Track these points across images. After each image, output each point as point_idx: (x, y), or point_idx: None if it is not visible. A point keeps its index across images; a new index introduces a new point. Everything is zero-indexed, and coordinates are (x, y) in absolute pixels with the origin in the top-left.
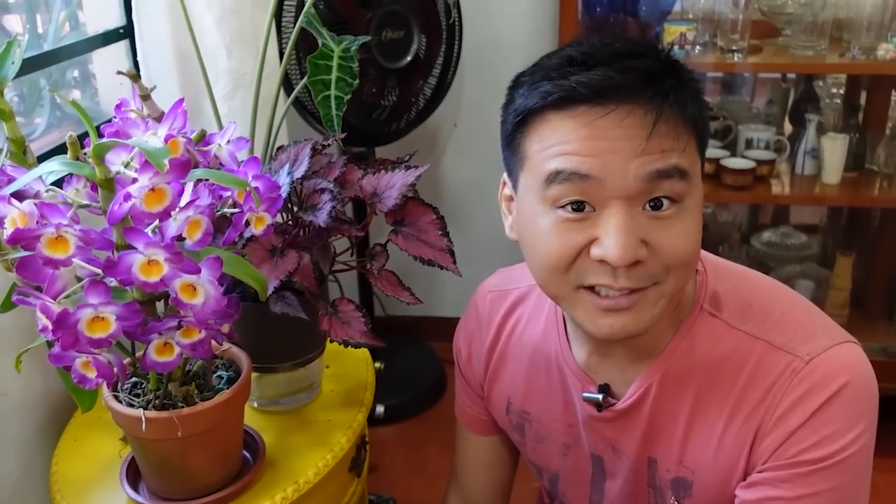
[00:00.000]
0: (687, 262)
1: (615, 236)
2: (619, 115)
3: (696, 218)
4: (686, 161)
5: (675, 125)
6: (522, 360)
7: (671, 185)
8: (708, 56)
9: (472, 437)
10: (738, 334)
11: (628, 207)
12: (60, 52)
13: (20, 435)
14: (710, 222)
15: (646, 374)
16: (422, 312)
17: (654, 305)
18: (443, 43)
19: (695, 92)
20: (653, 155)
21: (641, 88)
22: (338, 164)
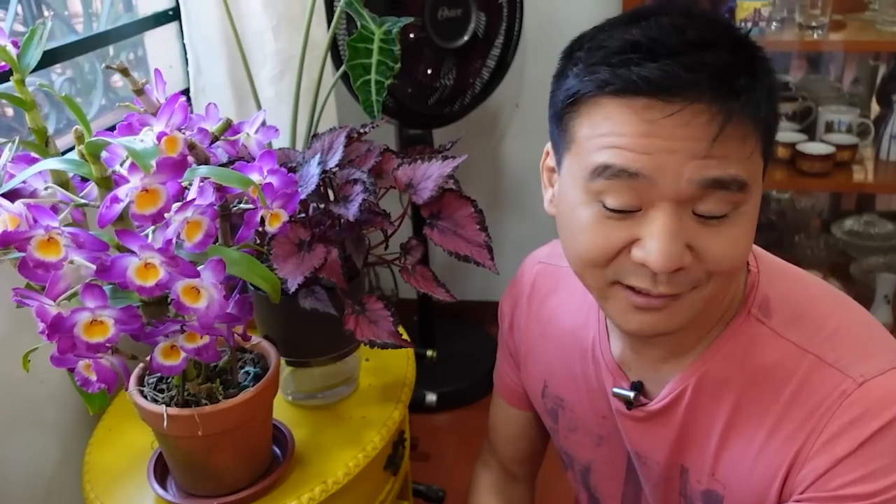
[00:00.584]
0: (733, 269)
1: (659, 240)
2: (684, 116)
3: (749, 224)
4: (748, 170)
5: (742, 129)
6: (559, 344)
7: (726, 196)
8: (785, 33)
9: (506, 407)
10: (785, 344)
11: (677, 210)
12: (111, 33)
13: (58, 421)
14: (787, 209)
15: (682, 376)
16: (482, 297)
17: (689, 309)
18: (503, 21)
19: (769, 89)
20: (713, 159)
21: (710, 87)
22: (374, 153)
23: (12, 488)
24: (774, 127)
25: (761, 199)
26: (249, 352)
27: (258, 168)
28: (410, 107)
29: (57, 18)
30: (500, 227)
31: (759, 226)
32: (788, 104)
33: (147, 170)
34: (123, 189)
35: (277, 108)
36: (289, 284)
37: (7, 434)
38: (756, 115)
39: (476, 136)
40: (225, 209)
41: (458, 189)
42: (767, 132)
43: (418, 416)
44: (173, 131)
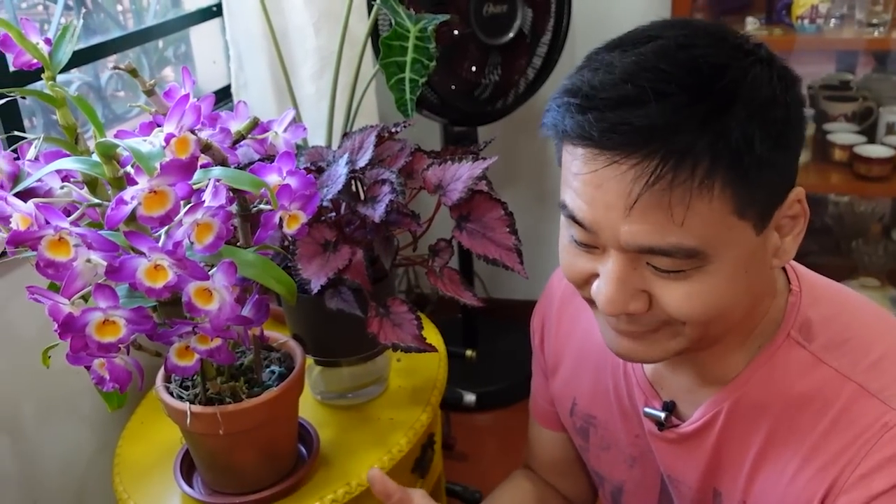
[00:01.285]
0: (704, 321)
1: (606, 285)
2: (618, 167)
3: (722, 280)
4: (698, 237)
5: (672, 196)
6: (590, 360)
7: (672, 262)
8: (845, 31)
9: (543, 431)
10: (826, 370)
11: (630, 258)
12: (156, 29)
13: (93, 413)
14: (845, 213)
15: (715, 399)
16: (527, 296)
17: (668, 342)
18: (550, 17)
19: (746, 139)
20: (644, 226)
21: (643, 144)
22: (404, 153)
23: (47, 478)
24: (768, 174)
25: (803, 216)
26: (276, 351)
27: (277, 169)
28: (455, 104)
29: (105, 14)
30: (544, 226)
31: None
32: (847, 104)
33: (150, 172)
34: (130, 191)
35: (317, 104)
36: (312, 285)
37: (44, 424)
38: (704, 176)
39: (522, 134)
40: (244, 209)
41: (489, 191)
42: (751, 185)
43: (457, 415)
44: (184, 132)
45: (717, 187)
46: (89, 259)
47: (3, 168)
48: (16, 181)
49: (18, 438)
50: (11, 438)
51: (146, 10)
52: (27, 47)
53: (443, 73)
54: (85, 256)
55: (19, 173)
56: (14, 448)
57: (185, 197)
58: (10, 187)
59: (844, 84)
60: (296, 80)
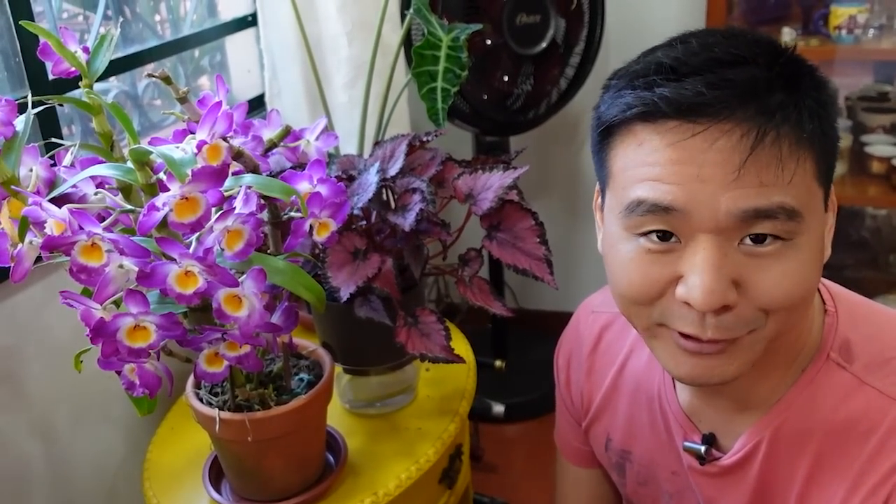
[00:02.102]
0: (791, 306)
1: (700, 275)
2: (711, 135)
3: (808, 257)
4: (796, 196)
5: (782, 150)
6: (624, 396)
7: (774, 226)
8: (883, 41)
9: (572, 468)
10: (870, 392)
11: (720, 242)
12: (192, 38)
13: (125, 417)
14: (883, 226)
15: (756, 428)
16: (558, 307)
17: (747, 353)
18: (584, 27)
19: (818, 106)
20: (750, 189)
21: (739, 105)
22: (435, 162)
23: (79, 480)
24: (830, 147)
25: (832, 221)
26: (305, 358)
27: (308, 177)
28: (486, 113)
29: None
30: (579, 237)
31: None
32: (885, 116)
33: (182, 178)
34: (162, 197)
35: (350, 113)
36: (341, 293)
37: (77, 428)
38: (799, 134)
39: (554, 144)
40: (275, 217)
41: (520, 200)
42: (822, 153)
43: (486, 426)
44: (215, 139)
45: (805, 140)
46: (121, 265)
47: (40, 174)
48: (52, 187)
49: (53, 441)
50: (46, 441)
51: (183, 20)
52: (66, 55)
53: (475, 82)
54: (117, 262)
55: (55, 179)
56: (48, 450)
57: (216, 204)
58: (47, 193)
59: (883, 95)
60: (329, 88)
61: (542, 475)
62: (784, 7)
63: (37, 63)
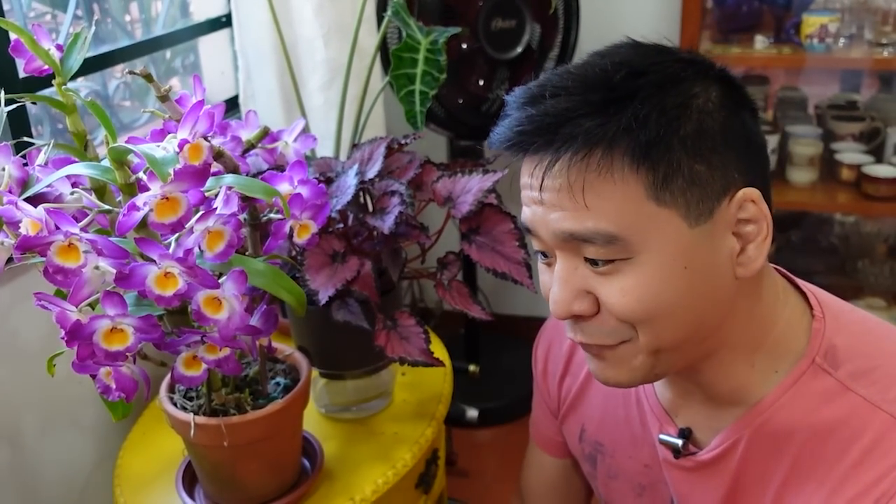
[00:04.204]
0: (646, 319)
1: (553, 286)
2: (530, 162)
3: (653, 274)
4: (615, 221)
5: (570, 176)
6: (600, 387)
7: (596, 250)
8: (853, 50)
9: (542, 456)
10: (854, 399)
11: (569, 258)
12: (165, 38)
13: (95, 423)
14: (851, 233)
15: (735, 426)
16: (530, 312)
17: (630, 361)
18: (559, 32)
19: (654, 124)
20: (560, 212)
21: (535, 138)
22: (413, 165)
23: (47, 488)
24: (665, 160)
25: (765, 230)
26: (281, 362)
27: (288, 178)
28: (461, 118)
29: (114, 23)
30: None
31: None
32: (855, 124)
33: (164, 177)
34: (142, 197)
35: (325, 116)
36: (320, 296)
37: (45, 434)
38: (607, 153)
39: None
40: (254, 218)
41: (498, 204)
42: (664, 171)
43: (459, 431)
44: (197, 139)
45: (616, 168)
46: (97, 266)
47: (13, 174)
48: (25, 187)
49: (19, 448)
50: (12, 448)
51: (155, 20)
52: (39, 53)
53: (450, 86)
54: (93, 263)
55: (28, 179)
56: (14, 458)
57: (196, 204)
58: (19, 193)
59: (851, 104)
60: (304, 91)
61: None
62: (756, 16)
63: (6, 61)
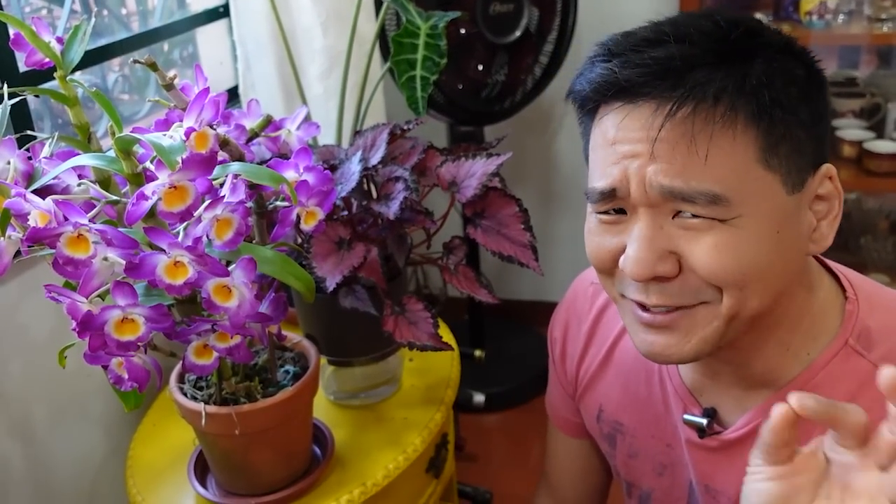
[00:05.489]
0: (736, 281)
1: (633, 246)
2: (637, 113)
3: (750, 237)
4: (721, 180)
5: (695, 126)
6: (620, 367)
7: (696, 209)
8: (853, 26)
9: (562, 437)
10: None
11: (654, 215)
12: (163, 30)
13: (105, 415)
14: (853, 209)
15: (763, 406)
16: (534, 296)
17: (703, 327)
18: (556, 16)
19: (765, 86)
20: (669, 164)
21: (656, 83)
22: (417, 150)
23: (59, 480)
24: (781, 123)
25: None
26: (290, 350)
27: (294, 165)
28: (461, 103)
29: (112, 16)
30: (552, 226)
31: None
32: (855, 100)
33: (172, 166)
34: (151, 186)
35: (325, 104)
36: (327, 283)
37: (55, 427)
38: (723, 111)
39: (529, 133)
40: (261, 206)
41: (503, 187)
42: (771, 135)
43: (466, 416)
44: (203, 127)
45: (739, 123)
46: (106, 257)
47: (18, 167)
48: (30, 180)
49: (30, 441)
50: (23, 441)
51: (151, 12)
52: (40, 46)
53: (449, 72)
54: (103, 254)
55: (34, 172)
56: (26, 451)
57: (204, 192)
58: (25, 186)
59: (851, 81)
60: (304, 79)
61: (524, 464)
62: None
63: (6, 55)
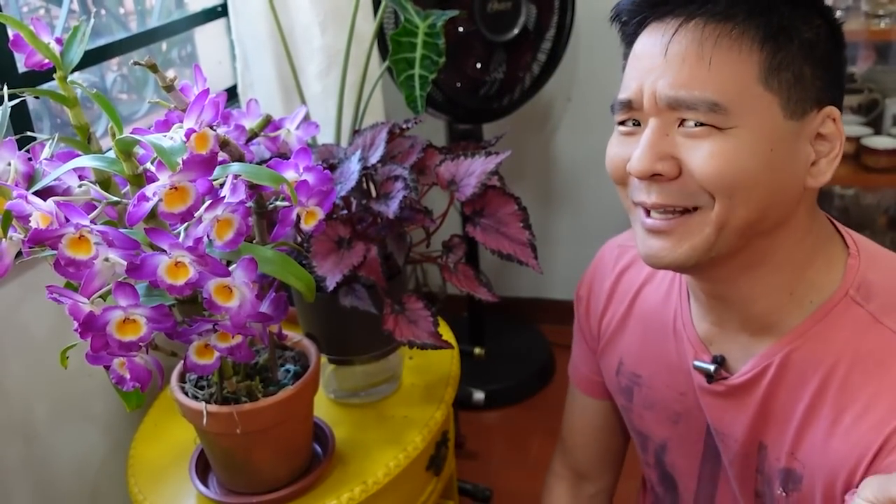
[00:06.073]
0: (726, 187)
1: (638, 148)
2: (659, 27)
3: (744, 147)
4: (721, 90)
5: (704, 33)
6: (640, 321)
7: (697, 115)
8: (851, 22)
9: (582, 397)
10: (884, 331)
11: (661, 124)
12: (161, 30)
13: (106, 415)
14: (851, 205)
15: (767, 352)
16: (533, 294)
17: (695, 234)
18: (554, 13)
19: (783, 13)
20: (677, 75)
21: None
22: (416, 149)
23: (61, 479)
24: (786, 48)
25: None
26: (290, 349)
27: (294, 165)
28: (459, 101)
29: (110, 16)
30: (551, 224)
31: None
32: (853, 96)
33: (173, 167)
34: (152, 187)
35: (324, 103)
36: (327, 282)
37: (56, 427)
38: (733, 24)
39: (527, 131)
40: (260, 206)
41: (501, 186)
42: (776, 58)
43: (466, 413)
44: (203, 128)
45: (746, 41)
46: (107, 258)
47: (19, 168)
48: (30, 181)
49: (31, 441)
50: (25, 440)
51: (150, 12)
52: (39, 47)
53: (448, 70)
54: (104, 255)
55: (34, 173)
56: (27, 450)
57: (205, 193)
58: (25, 187)
59: (848, 77)
60: (302, 78)
61: (523, 461)
62: None
63: (5, 56)
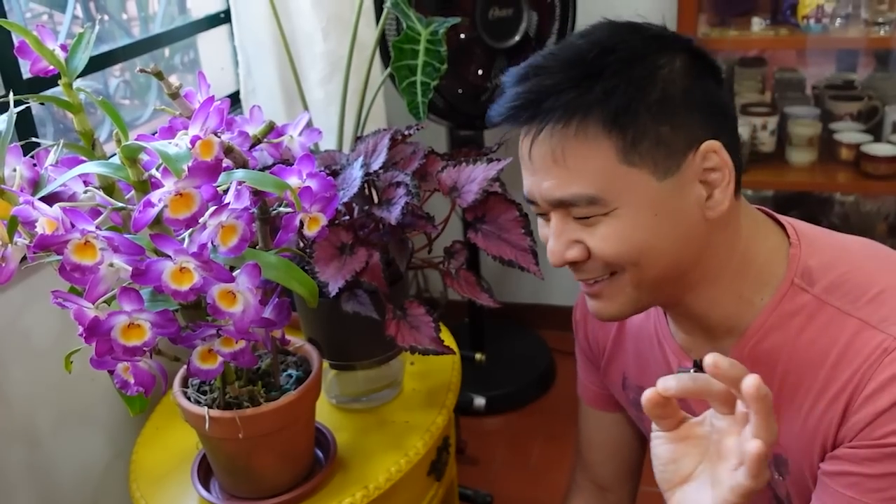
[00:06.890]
0: (627, 261)
1: (549, 240)
2: (526, 135)
3: (630, 224)
4: (593, 184)
5: (552, 142)
6: (632, 338)
7: (579, 210)
8: (850, 30)
9: (594, 413)
10: (829, 310)
11: (561, 216)
12: (164, 36)
13: (108, 420)
14: (851, 212)
15: (734, 350)
16: (534, 299)
17: (619, 295)
18: (555, 20)
19: (621, 96)
20: (549, 181)
21: (522, 113)
22: (418, 156)
23: (63, 484)
24: (633, 125)
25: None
26: (292, 355)
27: (297, 171)
28: (461, 108)
29: (113, 22)
30: None
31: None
32: (853, 104)
33: (178, 174)
34: (157, 193)
35: (326, 109)
36: (330, 288)
37: (59, 432)
38: (578, 125)
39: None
40: (264, 213)
41: (503, 192)
42: (631, 135)
43: (467, 419)
44: (208, 135)
45: (590, 134)
46: (112, 263)
47: (24, 174)
48: (36, 187)
49: (34, 446)
50: (28, 446)
51: (153, 18)
52: (44, 54)
53: (449, 76)
54: (109, 260)
55: (39, 179)
56: (30, 456)
57: (209, 199)
58: (31, 193)
59: (848, 84)
60: (305, 84)
61: (524, 467)
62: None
63: (10, 63)
